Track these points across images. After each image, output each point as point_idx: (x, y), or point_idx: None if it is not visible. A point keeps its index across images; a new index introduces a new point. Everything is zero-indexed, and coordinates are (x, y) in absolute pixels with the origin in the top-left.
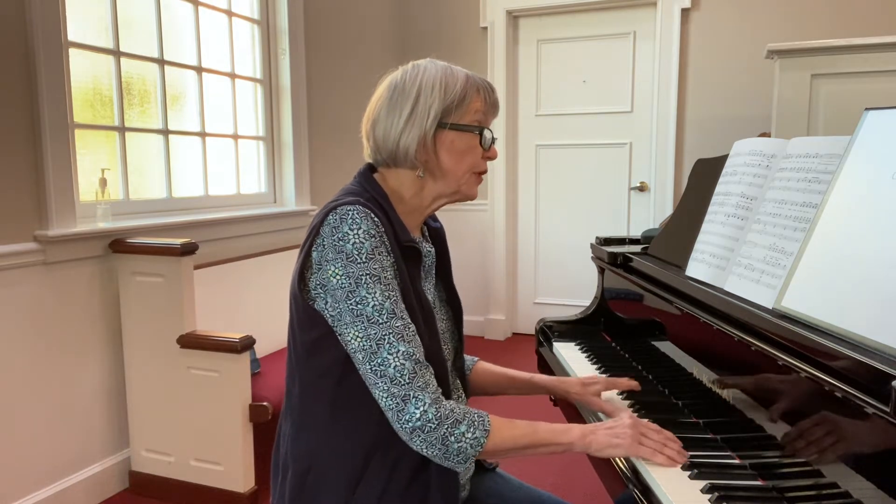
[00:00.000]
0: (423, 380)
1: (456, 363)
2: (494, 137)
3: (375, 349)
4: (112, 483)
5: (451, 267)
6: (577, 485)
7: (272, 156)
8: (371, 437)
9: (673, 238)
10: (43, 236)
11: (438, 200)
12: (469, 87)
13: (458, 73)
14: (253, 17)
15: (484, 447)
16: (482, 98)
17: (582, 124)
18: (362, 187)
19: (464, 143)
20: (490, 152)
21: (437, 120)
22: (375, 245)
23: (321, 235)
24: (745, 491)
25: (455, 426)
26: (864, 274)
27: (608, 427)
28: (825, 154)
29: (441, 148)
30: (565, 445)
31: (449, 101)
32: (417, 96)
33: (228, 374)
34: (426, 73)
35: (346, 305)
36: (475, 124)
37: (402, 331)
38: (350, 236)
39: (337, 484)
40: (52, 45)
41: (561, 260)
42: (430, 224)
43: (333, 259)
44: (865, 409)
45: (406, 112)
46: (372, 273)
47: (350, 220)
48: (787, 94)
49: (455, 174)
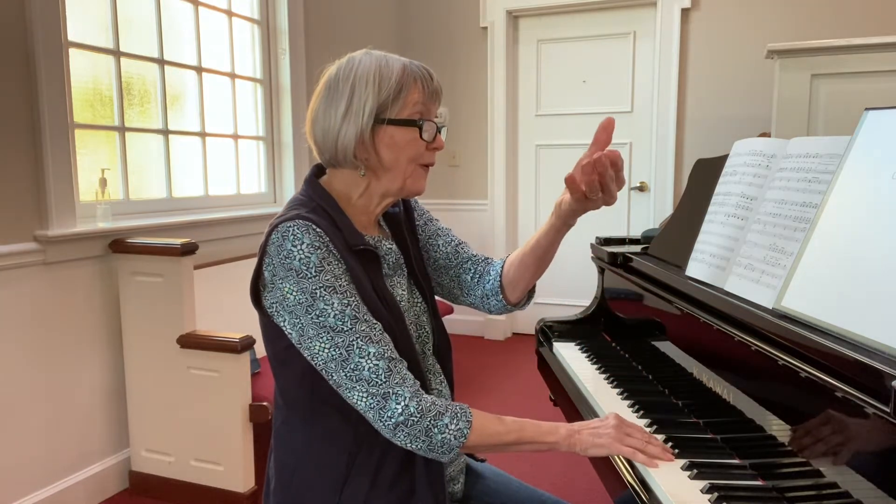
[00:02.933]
0: (399, 375)
1: (437, 345)
2: (440, 126)
3: (346, 356)
4: (112, 483)
5: (417, 249)
6: (577, 485)
7: (272, 156)
8: (351, 439)
9: (673, 238)
10: (43, 236)
11: (385, 199)
12: (405, 79)
13: (394, 65)
14: (253, 17)
15: (468, 438)
16: (420, 87)
17: (582, 124)
18: (308, 196)
19: (403, 137)
20: (435, 143)
21: (373, 116)
22: (322, 256)
23: (268, 254)
24: (745, 491)
25: (438, 418)
26: (865, 274)
27: (593, 427)
28: (825, 154)
29: (380, 144)
30: (550, 444)
31: (385, 96)
32: (352, 93)
33: (228, 374)
34: (360, 66)
35: (308, 320)
36: (415, 117)
37: (369, 332)
38: (294, 252)
39: (322, 489)
40: (52, 45)
41: (561, 260)
42: (389, 212)
43: (285, 277)
44: (865, 409)
45: (342, 109)
46: (325, 285)
47: (291, 237)
48: (787, 94)
49: (397, 169)
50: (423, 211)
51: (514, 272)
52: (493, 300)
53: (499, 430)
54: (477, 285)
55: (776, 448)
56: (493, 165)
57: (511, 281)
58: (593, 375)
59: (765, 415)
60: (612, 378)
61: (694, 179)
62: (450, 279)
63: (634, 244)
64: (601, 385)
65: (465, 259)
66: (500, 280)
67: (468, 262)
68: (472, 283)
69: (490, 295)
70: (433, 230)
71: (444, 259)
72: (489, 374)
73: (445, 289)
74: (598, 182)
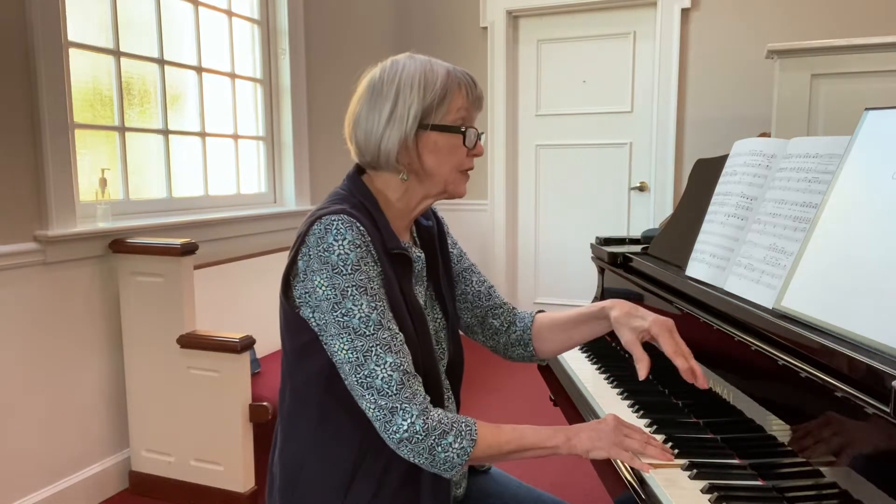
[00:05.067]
0: (410, 390)
1: (449, 364)
2: (480, 133)
3: (363, 361)
4: (112, 483)
5: (447, 266)
6: (577, 485)
7: (272, 156)
8: (360, 441)
9: (673, 238)
10: (43, 236)
11: (425, 201)
12: (450, 84)
13: (438, 70)
14: (253, 17)
15: (471, 456)
16: (464, 94)
17: (582, 124)
18: (350, 192)
19: (447, 143)
20: (476, 150)
21: (417, 121)
22: (361, 255)
23: (307, 245)
24: (745, 491)
25: (442, 437)
26: (865, 274)
27: (591, 429)
28: (825, 154)
29: (424, 149)
30: (550, 449)
31: (429, 101)
32: (396, 97)
33: (228, 374)
34: (405, 70)
35: (332, 317)
36: (458, 123)
37: (390, 342)
38: (335, 247)
39: (327, 489)
40: (52, 45)
41: (561, 260)
42: (422, 223)
43: (319, 270)
44: (865, 409)
45: (385, 114)
46: (358, 284)
47: (335, 231)
48: (787, 94)
49: (440, 174)
50: (455, 241)
51: (551, 336)
52: (519, 349)
53: (499, 441)
54: (504, 333)
55: (776, 448)
56: (493, 165)
57: (544, 343)
58: (593, 375)
59: (765, 415)
60: (612, 378)
61: (694, 179)
62: (474, 317)
63: (634, 244)
64: (601, 385)
65: (497, 304)
66: (531, 333)
67: (499, 309)
68: (499, 329)
69: (516, 344)
70: (467, 265)
71: (475, 297)
72: (489, 373)
73: (465, 324)
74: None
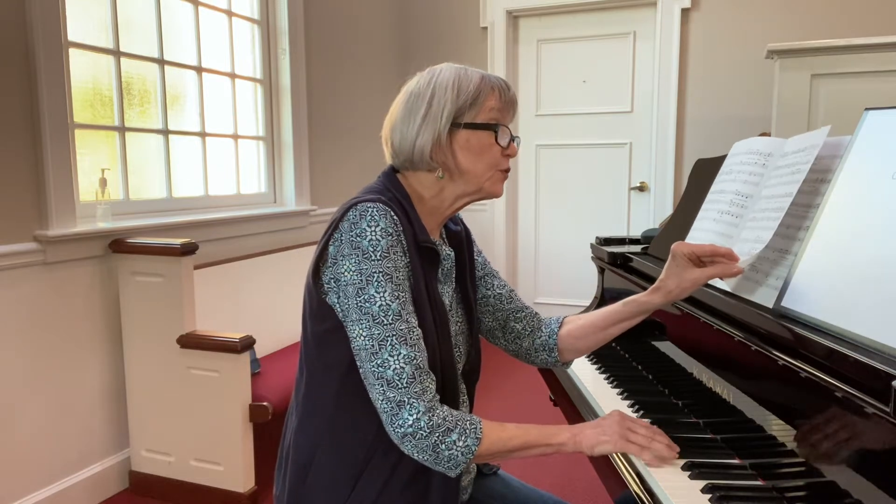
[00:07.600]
0: (420, 385)
1: (466, 368)
2: (515, 136)
3: (377, 349)
4: (112, 483)
5: (472, 271)
6: (577, 485)
7: (272, 156)
8: (374, 433)
9: (673, 238)
10: (43, 236)
11: (461, 200)
12: (483, 86)
13: (473, 74)
14: (253, 17)
15: (475, 454)
16: (497, 96)
17: (582, 124)
18: (385, 186)
19: (479, 141)
20: (510, 150)
21: (450, 119)
22: (391, 244)
23: (339, 230)
24: (745, 491)
25: (446, 434)
26: (864, 274)
27: (595, 425)
28: (809, 146)
29: (457, 147)
30: (555, 446)
31: (462, 101)
32: (431, 98)
33: (228, 374)
34: (441, 75)
35: (355, 302)
36: (491, 122)
37: (406, 334)
38: (367, 233)
39: (338, 477)
40: (52, 45)
41: (561, 260)
42: (451, 227)
43: (348, 254)
44: (865, 409)
45: (421, 115)
46: (384, 272)
47: (369, 217)
48: (787, 94)
49: (475, 173)
50: (480, 249)
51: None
52: (544, 354)
53: (503, 438)
54: (527, 337)
55: (776, 448)
56: None
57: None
58: (593, 375)
59: (765, 415)
60: (612, 378)
61: (694, 179)
62: (495, 321)
63: (634, 244)
64: (601, 385)
65: (518, 308)
66: (556, 339)
67: (521, 312)
68: (522, 334)
69: (540, 349)
70: (490, 270)
71: (497, 300)
72: (490, 373)
73: (486, 327)
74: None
